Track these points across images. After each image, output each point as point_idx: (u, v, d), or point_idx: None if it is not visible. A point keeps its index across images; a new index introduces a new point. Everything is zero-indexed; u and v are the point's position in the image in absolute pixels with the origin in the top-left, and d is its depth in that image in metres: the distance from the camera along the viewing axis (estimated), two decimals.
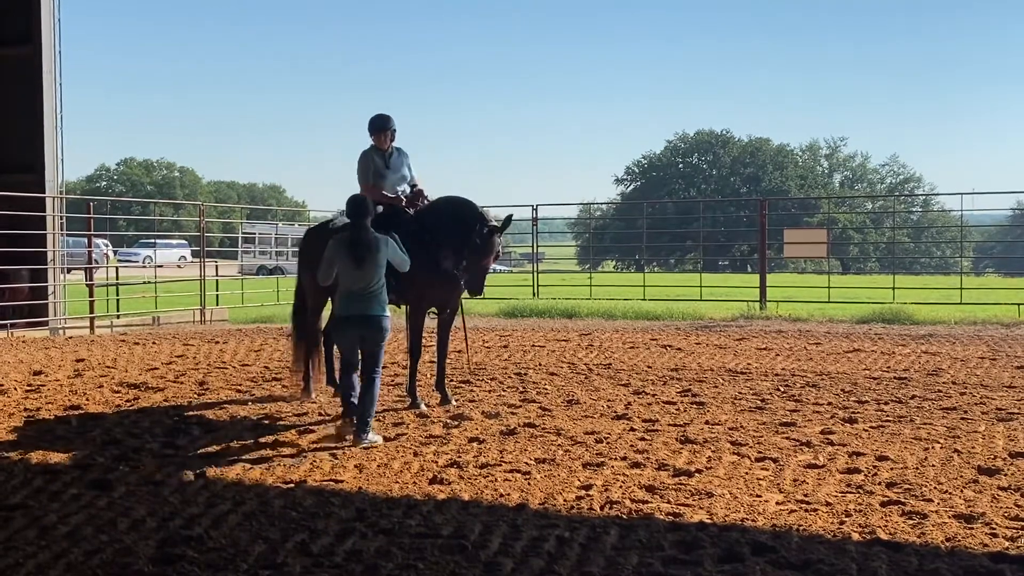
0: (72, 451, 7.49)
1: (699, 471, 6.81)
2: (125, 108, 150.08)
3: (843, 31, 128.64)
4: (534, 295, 22.00)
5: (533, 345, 14.33)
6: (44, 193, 17.96)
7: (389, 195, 9.40)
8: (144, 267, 33.64)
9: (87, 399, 9.80)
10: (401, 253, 8.20)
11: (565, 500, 6.13)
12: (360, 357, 8.07)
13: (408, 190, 9.61)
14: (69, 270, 21.76)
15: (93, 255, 19.76)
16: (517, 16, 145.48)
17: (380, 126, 9.57)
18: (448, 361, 9.87)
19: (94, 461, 7.16)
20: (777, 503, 6.06)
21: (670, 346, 14.08)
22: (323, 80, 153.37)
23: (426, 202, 9.54)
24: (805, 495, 6.22)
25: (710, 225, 47.18)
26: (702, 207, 56.36)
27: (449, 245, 9.04)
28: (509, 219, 9.22)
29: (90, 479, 6.62)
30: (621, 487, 6.42)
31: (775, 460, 7.13)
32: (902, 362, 12.35)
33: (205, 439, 7.97)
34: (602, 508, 5.96)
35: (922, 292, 21.14)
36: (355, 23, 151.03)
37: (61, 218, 18.76)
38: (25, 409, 9.30)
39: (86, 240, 19.36)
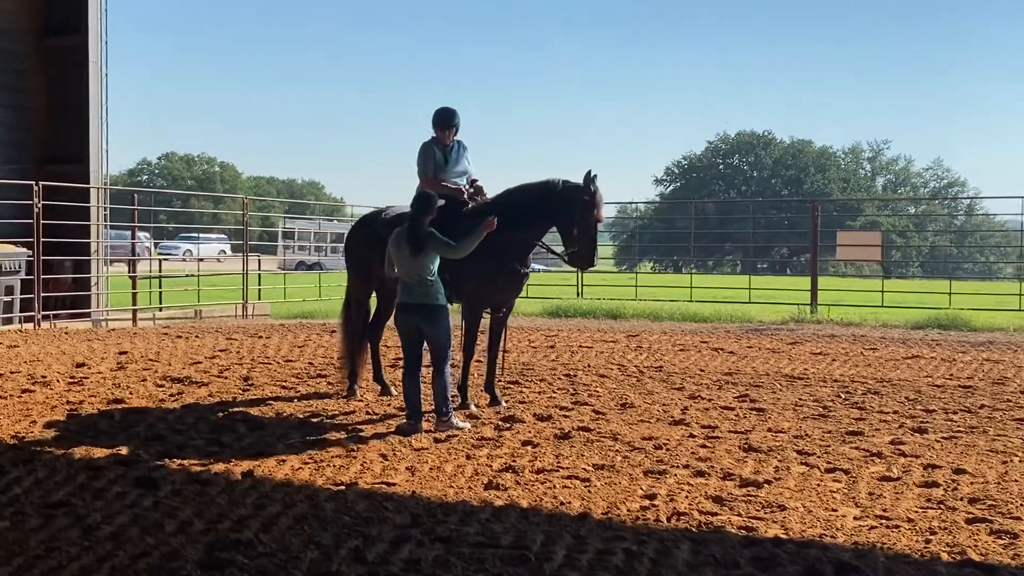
0: (116, 447, 7.28)
1: (767, 482, 6.48)
2: (166, 102, 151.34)
3: (886, 32, 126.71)
4: (578, 295, 21.69)
5: (580, 346, 14.02)
6: (89, 184, 17.91)
7: (449, 186, 9.15)
8: (184, 260, 33.65)
9: (130, 393, 9.62)
10: (443, 240, 8.06)
11: (629, 510, 5.83)
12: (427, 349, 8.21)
13: (467, 183, 9.35)
14: (111, 262, 21.73)
15: (136, 247, 19.71)
16: (556, 15, 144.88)
17: (445, 122, 9.29)
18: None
19: (139, 458, 6.95)
20: (855, 518, 5.72)
21: (721, 349, 13.71)
22: (362, 77, 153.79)
23: (483, 198, 9.28)
24: (884, 510, 5.87)
25: (751, 227, 46.56)
26: (752, 208, 55.31)
27: (518, 235, 8.79)
28: (591, 173, 8.77)
29: (135, 476, 6.40)
30: (687, 497, 6.11)
31: (846, 471, 6.78)
32: (964, 370, 11.92)
33: (251, 437, 7.74)
34: (669, 519, 5.65)
35: (977, 298, 20.55)
36: (394, 22, 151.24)
37: (105, 209, 18.67)
38: (68, 402, 9.13)
39: (130, 232, 19.31)
